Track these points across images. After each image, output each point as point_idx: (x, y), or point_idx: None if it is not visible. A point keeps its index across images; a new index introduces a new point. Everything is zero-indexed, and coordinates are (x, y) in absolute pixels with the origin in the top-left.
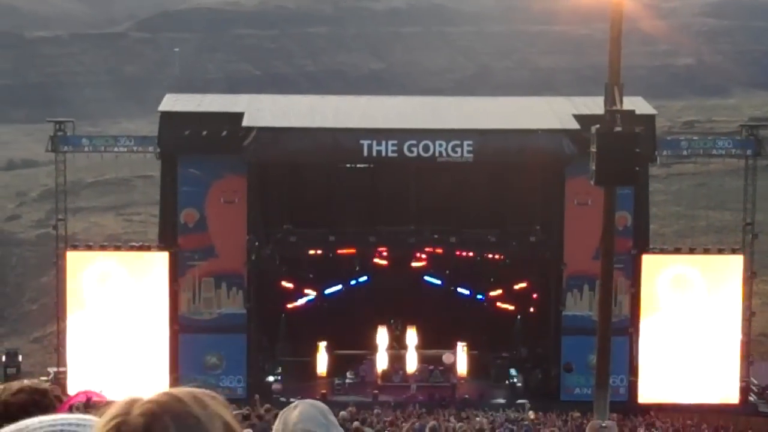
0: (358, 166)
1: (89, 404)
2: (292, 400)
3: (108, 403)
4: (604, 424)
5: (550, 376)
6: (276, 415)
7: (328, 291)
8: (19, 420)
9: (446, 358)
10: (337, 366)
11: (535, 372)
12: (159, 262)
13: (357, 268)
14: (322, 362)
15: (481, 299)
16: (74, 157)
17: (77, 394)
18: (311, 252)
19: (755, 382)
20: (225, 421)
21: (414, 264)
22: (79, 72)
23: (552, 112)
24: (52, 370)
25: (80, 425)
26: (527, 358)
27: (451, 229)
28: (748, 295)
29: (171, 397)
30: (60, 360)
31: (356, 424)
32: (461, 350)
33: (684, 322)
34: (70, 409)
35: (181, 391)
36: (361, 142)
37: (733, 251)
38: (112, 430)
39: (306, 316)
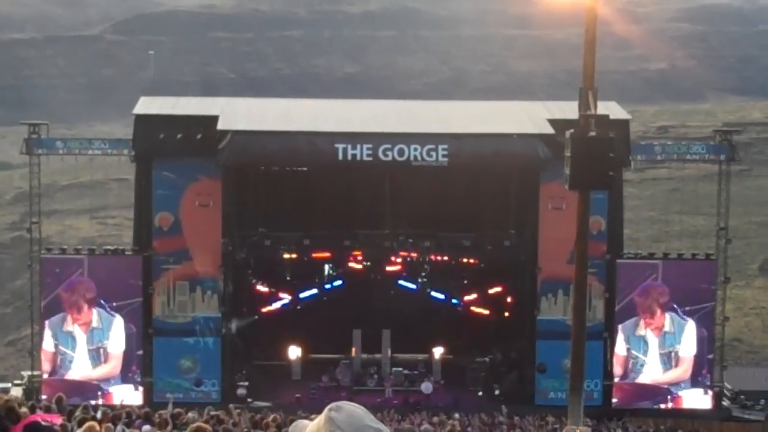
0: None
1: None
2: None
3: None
4: (578, 430)
5: (525, 381)
6: (252, 420)
7: (303, 295)
8: None
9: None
10: (311, 370)
11: (510, 376)
12: (133, 265)
13: (333, 273)
14: (296, 366)
15: (455, 303)
16: (48, 160)
17: (29, 420)
18: (286, 256)
19: (729, 386)
20: None
21: (389, 268)
22: (54, 74)
23: (527, 117)
24: (26, 373)
25: None
26: (502, 362)
27: (426, 233)
28: (722, 300)
29: None
30: (34, 364)
31: None
32: (437, 355)
33: (658, 327)
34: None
35: None
36: (336, 145)
37: (707, 256)
38: None
39: (281, 319)
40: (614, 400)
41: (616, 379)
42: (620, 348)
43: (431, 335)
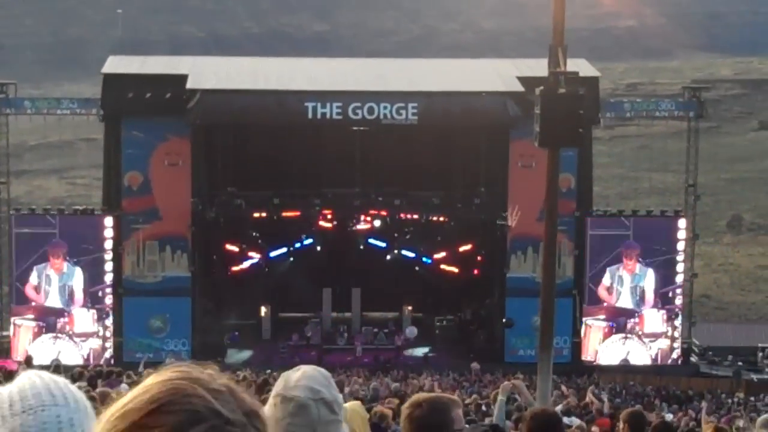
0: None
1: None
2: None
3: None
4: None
5: (494, 338)
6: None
7: (272, 254)
8: None
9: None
10: (281, 329)
11: (479, 334)
12: (103, 225)
13: (302, 234)
14: (266, 325)
15: (425, 261)
16: (17, 120)
17: None
18: (256, 215)
19: (697, 342)
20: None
21: (359, 226)
22: (21, 33)
23: (496, 75)
24: None
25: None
26: (471, 320)
27: (396, 191)
28: (690, 257)
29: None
30: (3, 324)
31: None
32: (407, 313)
33: (631, 269)
34: None
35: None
36: (306, 104)
37: (676, 213)
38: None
39: (250, 278)
40: (602, 316)
41: (604, 303)
42: (606, 281)
43: (401, 293)
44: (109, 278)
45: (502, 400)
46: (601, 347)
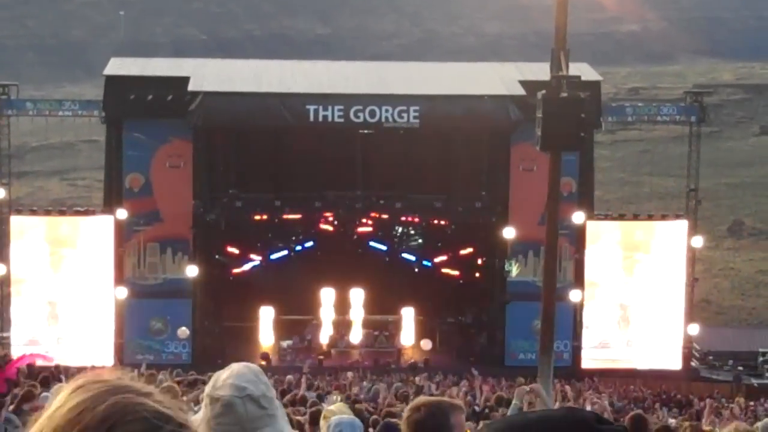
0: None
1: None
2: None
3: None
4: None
5: (495, 342)
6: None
7: (273, 256)
8: None
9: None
10: (282, 331)
11: (480, 337)
12: (104, 226)
13: (301, 236)
14: (266, 327)
15: (426, 265)
16: (18, 121)
17: (22, 357)
18: (257, 217)
19: (697, 347)
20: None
21: (360, 229)
22: (24, 35)
23: (498, 78)
24: None
25: None
26: (472, 323)
27: (397, 194)
28: (691, 261)
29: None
30: (4, 325)
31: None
32: (409, 315)
33: (627, 288)
34: (17, 373)
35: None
36: (308, 107)
37: (677, 217)
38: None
39: (251, 281)
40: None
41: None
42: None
43: (402, 296)
44: (109, 279)
45: (516, 405)
46: (608, 334)
